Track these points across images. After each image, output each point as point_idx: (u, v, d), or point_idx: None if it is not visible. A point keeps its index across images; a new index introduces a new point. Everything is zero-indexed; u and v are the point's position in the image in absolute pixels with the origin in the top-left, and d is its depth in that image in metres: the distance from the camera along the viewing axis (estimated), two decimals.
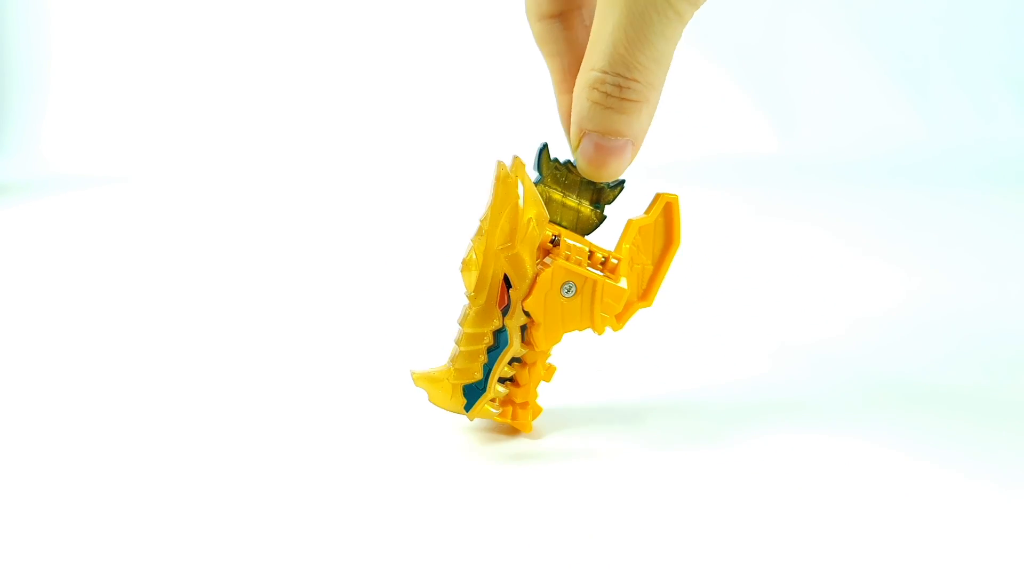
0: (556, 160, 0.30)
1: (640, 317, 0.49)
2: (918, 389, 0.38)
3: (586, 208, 0.30)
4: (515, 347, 0.29)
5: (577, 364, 0.41)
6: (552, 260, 0.29)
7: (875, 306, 0.51)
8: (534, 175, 0.30)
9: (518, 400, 0.32)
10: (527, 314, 0.29)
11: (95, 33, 1.27)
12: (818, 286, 0.56)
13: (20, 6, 1.28)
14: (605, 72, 0.25)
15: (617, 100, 0.26)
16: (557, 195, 0.30)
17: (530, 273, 0.28)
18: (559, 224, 0.30)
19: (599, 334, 0.30)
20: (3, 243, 0.73)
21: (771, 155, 1.18)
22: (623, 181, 0.30)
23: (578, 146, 0.28)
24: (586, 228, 0.30)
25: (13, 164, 1.15)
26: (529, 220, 0.28)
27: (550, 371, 0.32)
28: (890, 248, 0.67)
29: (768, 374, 0.40)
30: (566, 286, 0.29)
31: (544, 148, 0.29)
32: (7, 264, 0.64)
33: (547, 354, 0.31)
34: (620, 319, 0.31)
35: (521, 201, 0.28)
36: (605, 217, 0.30)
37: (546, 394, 0.34)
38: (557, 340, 0.30)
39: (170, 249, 0.70)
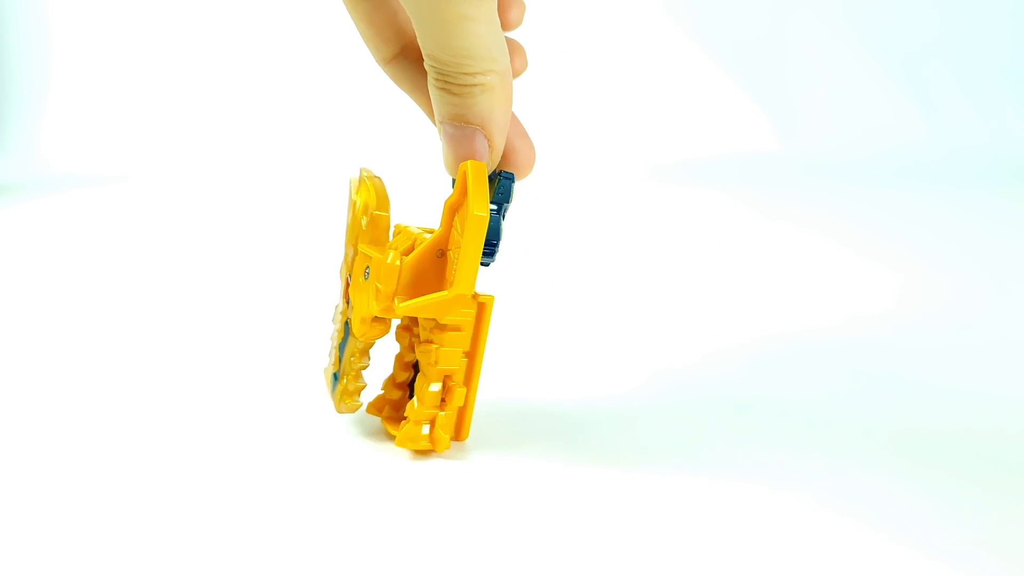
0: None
1: (636, 315, 0.49)
2: (916, 387, 0.37)
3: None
4: (353, 341, 0.30)
5: (563, 363, 0.41)
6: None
7: (874, 306, 0.51)
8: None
9: (412, 416, 0.29)
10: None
11: (95, 33, 1.27)
12: (817, 286, 0.56)
13: (20, 6, 1.28)
14: (429, 59, 0.25)
15: (449, 84, 0.25)
16: None
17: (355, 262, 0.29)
18: None
19: (373, 312, 0.28)
20: (3, 243, 0.73)
21: (772, 155, 1.18)
22: (498, 175, 0.28)
23: None
24: (491, 232, 0.28)
25: (13, 164, 1.15)
26: (362, 207, 0.29)
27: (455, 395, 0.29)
28: (890, 249, 0.67)
29: (765, 374, 0.40)
30: (367, 270, 0.28)
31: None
32: (7, 264, 0.64)
33: (448, 369, 0.29)
34: (404, 301, 0.27)
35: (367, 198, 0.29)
36: (494, 212, 0.28)
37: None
38: (363, 326, 0.29)
39: (170, 249, 0.70)
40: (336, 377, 0.30)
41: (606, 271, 0.60)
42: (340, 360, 0.30)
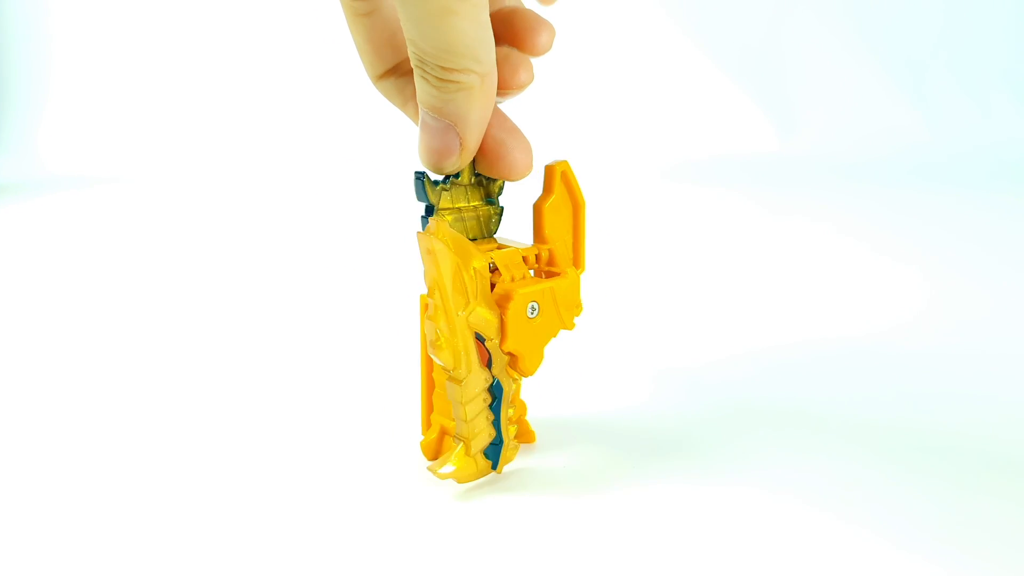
0: (437, 182, 0.28)
1: (636, 318, 0.49)
2: (918, 386, 0.37)
3: (483, 209, 0.29)
4: (509, 388, 0.29)
5: (572, 371, 0.41)
6: (505, 291, 0.28)
7: (877, 305, 0.51)
8: (422, 207, 0.29)
9: (515, 417, 0.31)
10: (510, 354, 0.28)
11: (94, 34, 1.27)
12: (818, 286, 0.56)
13: (20, 6, 1.28)
14: (411, 45, 0.25)
15: (427, 74, 0.25)
16: (457, 213, 0.29)
17: (495, 320, 0.28)
18: (471, 239, 0.29)
19: (572, 329, 0.29)
20: (2, 243, 0.73)
21: (772, 155, 1.18)
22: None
23: None
24: (491, 227, 0.30)
25: (12, 164, 1.15)
26: (474, 270, 0.27)
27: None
28: (890, 248, 0.67)
29: (774, 375, 0.39)
30: (529, 308, 0.28)
31: (423, 176, 0.28)
32: (7, 264, 0.64)
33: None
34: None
35: (468, 256, 0.27)
36: (502, 208, 0.30)
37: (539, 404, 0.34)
38: (542, 357, 0.29)
39: (168, 249, 0.70)
40: (495, 444, 0.29)
41: (614, 271, 0.60)
42: (496, 424, 0.29)
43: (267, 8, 1.28)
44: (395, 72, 0.30)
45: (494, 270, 0.28)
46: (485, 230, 0.30)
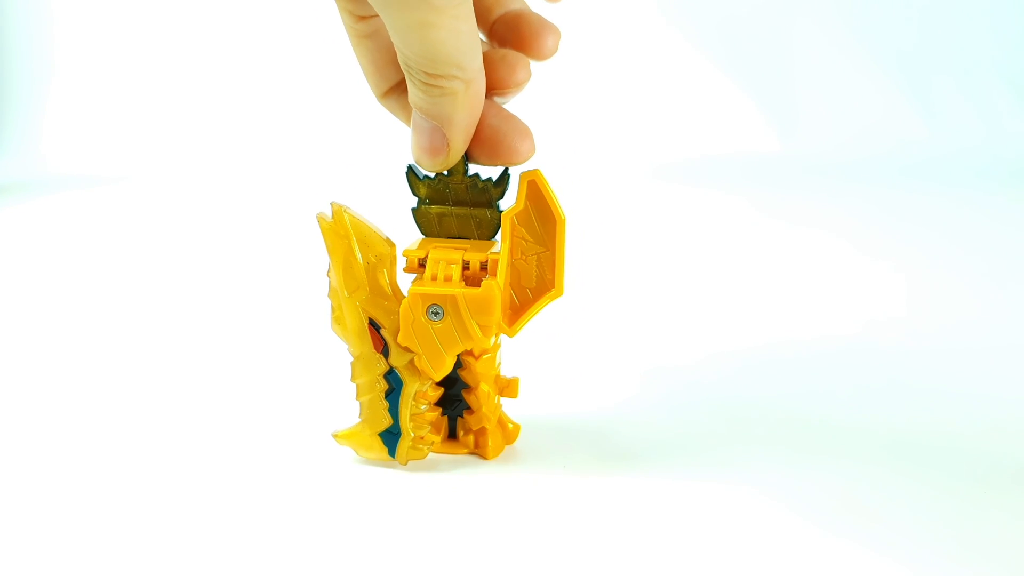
0: (427, 177, 0.29)
1: (638, 319, 0.49)
2: (917, 388, 0.38)
3: (481, 211, 0.30)
4: (415, 383, 0.28)
5: (570, 375, 0.41)
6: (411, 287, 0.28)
7: (876, 306, 0.51)
8: (413, 200, 0.29)
9: (474, 427, 0.31)
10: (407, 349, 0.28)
11: (96, 33, 1.27)
12: (819, 287, 0.56)
13: (21, 6, 1.28)
14: (397, 51, 0.26)
15: (413, 79, 0.26)
16: (446, 209, 0.29)
17: (395, 309, 0.28)
18: (458, 236, 0.30)
19: (486, 347, 0.28)
20: (3, 243, 0.73)
21: (772, 155, 1.18)
22: (505, 174, 0.29)
23: None
24: (489, 231, 0.30)
25: (13, 164, 1.15)
26: (368, 261, 0.28)
27: (512, 386, 0.31)
28: (891, 248, 0.67)
29: (768, 375, 0.40)
30: (431, 310, 0.27)
31: (409, 169, 0.29)
32: (7, 264, 0.64)
33: (489, 374, 0.30)
34: (514, 321, 0.29)
35: (354, 242, 0.28)
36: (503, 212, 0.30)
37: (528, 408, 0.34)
38: (446, 366, 0.28)
39: (170, 249, 0.70)
40: (393, 433, 0.29)
41: (608, 272, 0.60)
42: (392, 413, 0.29)
43: (268, 9, 1.28)
44: (398, 89, 0.31)
45: (423, 265, 0.28)
46: (480, 232, 0.30)
